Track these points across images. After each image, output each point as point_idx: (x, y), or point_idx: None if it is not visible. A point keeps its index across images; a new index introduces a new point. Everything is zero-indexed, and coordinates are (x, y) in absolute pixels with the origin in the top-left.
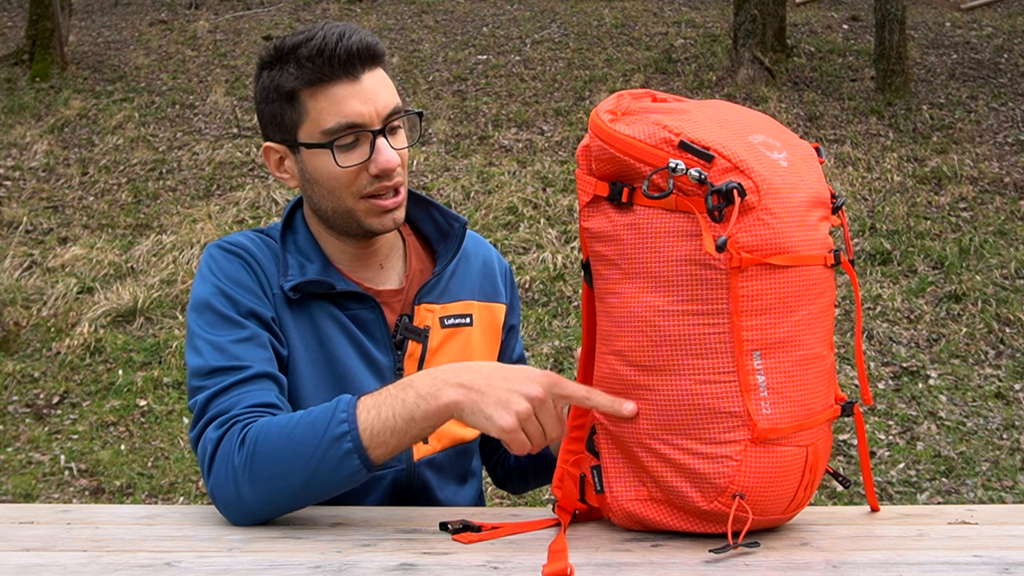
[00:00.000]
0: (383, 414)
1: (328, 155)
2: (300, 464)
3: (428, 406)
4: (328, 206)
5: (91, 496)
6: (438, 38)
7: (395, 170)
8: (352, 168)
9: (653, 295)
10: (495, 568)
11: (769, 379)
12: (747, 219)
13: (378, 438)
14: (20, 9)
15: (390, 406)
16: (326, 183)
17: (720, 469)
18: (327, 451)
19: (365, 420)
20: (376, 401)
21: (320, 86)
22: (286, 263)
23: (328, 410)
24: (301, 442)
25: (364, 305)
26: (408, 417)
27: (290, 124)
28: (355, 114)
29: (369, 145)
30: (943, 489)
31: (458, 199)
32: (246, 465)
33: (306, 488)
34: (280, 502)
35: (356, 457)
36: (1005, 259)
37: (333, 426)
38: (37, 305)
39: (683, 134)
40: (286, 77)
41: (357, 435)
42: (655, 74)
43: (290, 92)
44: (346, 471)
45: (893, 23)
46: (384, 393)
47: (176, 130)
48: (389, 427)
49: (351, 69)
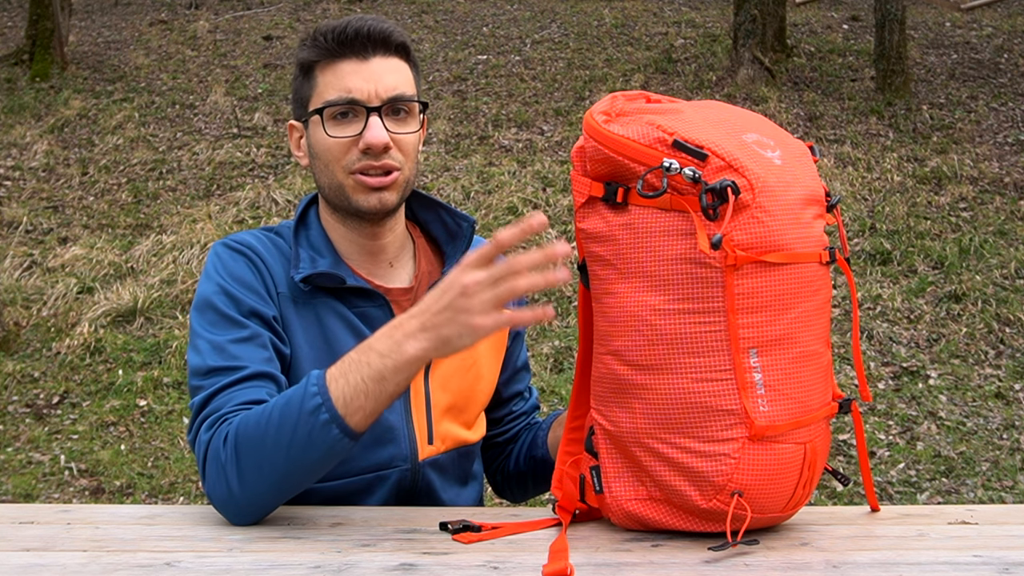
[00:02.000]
0: (351, 380)
1: (321, 125)
2: (282, 445)
3: (394, 362)
4: (324, 181)
5: (91, 496)
6: (438, 38)
7: (383, 149)
8: (343, 140)
9: (649, 294)
10: (495, 568)
11: (766, 377)
12: (742, 217)
13: (353, 404)
14: (20, 9)
15: (356, 371)
16: (321, 155)
17: (718, 467)
18: (305, 426)
19: (336, 389)
20: (342, 370)
21: (331, 61)
22: (298, 256)
23: (299, 388)
24: (279, 424)
25: (373, 302)
26: (378, 377)
27: (305, 98)
28: (355, 89)
29: (364, 122)
30: (943, 489)
31: (458, 199)
32: (231, 459)
33: (291, 468)
34: (269, 489)
35: (335, 427)
36: (1005, 259)
37: (307, 400)
38: (37, 305)
39: (677, 133)
40: (307, 52)
41: (332, 405)
42: (655, 74)
43: (308, 66)
44: (327, 442)
45: (893, 23)
46: (347, 360)
47: (176, 130)
48: (361, 391)
49: (361, 49)
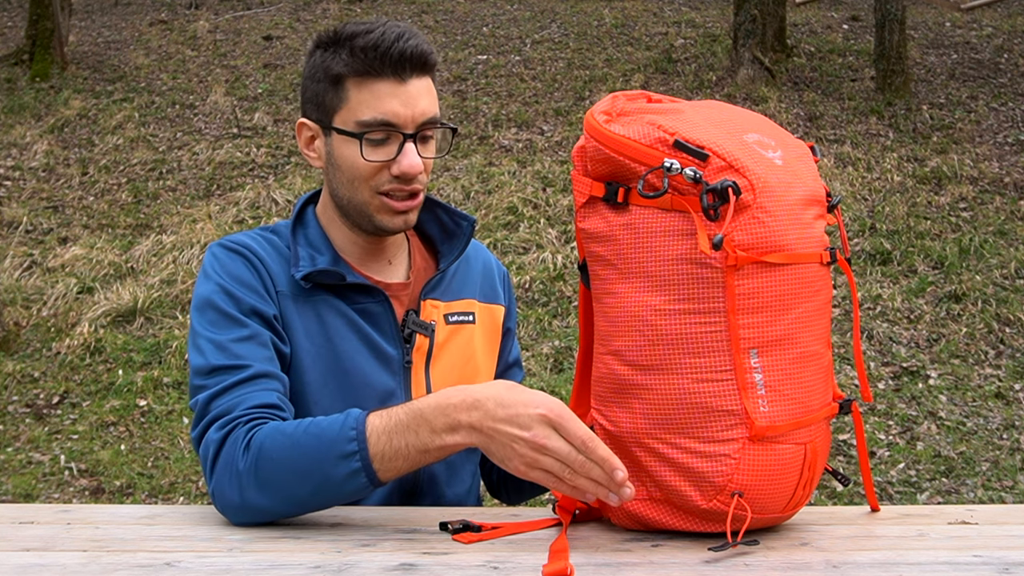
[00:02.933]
0: (395, 443)
1: (356, 145)
2: (307, 476)
3: (442, 442)
4: (345, 194)
5: (91, 496)
6: (438, 38)
7: (416, 176)
8: (375, 164)
9: (650, 294)
10: (495, 568)
11: (766, 377)
12: (742, 217)
13: (389, 463)
14: (20, 9)
15: (402, 436)
16: (348, 171)
17: (718, 467)
18: (335, 467)
19: (376, 444)
20: (386, 426)
21: (367, 78)
22: (297, 254)
23: (335, 423)
24: (309, 455)
25: (373, 298)
26: (423, 449)
27: (329, 107)
28: (392, 113)
29: (398, 146)
30: (943, 489)
31: (458, 199)
32: (251, 471)
33: (311, 498)
34: (283, 509)
35: (363, 476)
36: (1005, 259)
37: (342, 443)
38: (37, 305)
39: (678, 133)
40: (337, 61)
41: (367, 455)
42: (655, 74)
43: (337, 76)
44: (353, 487)
45: (893, 23)
46: (394, 418)
47: (176, 130)
48: (401, 455)
49: (400, 70)
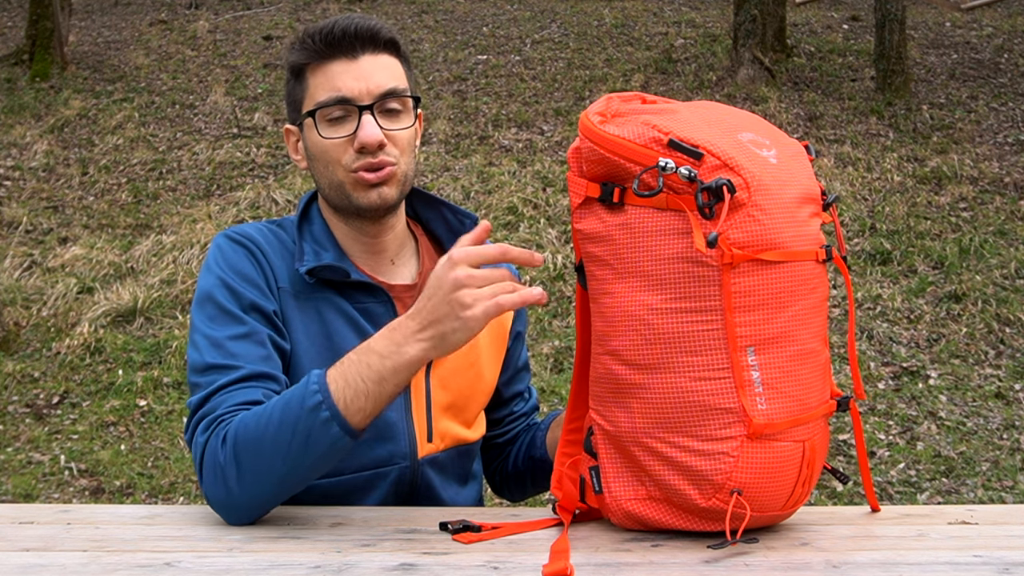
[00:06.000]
0: (351, 380)
1: (316, 127)
2: (281, 444)
3: (394, 363)
4: (324, 182)
5: (91, 496)
6: (438, 38)
7: (377, 146)
8: (338, 141)
9: (646, 294)
10: (495, 568)
11: (764, 375)
12: (738, 216)
13: (353, 404)
14: (20, 9)
15: (356, 372)
16: (319, 156)
17: (717, 466)
18: (305, 424)
19: (336, 388)
20: (341, 371)
21: (321, 62)
22: (302, 249)
23: (299, 387)
24: (279, 423)
25: (376, 298)
26: (377, 379)
27: (298, 101)
28: (345, 88)
29: (357, 121)
30: (943, 489)
31: (458, 199)
32: (230, 460)
33: (291, 467)
34: (268, 488)
35: (335, 424)
36: (1005, 259)
37: (307, 398)
38: (37, 305)
39: (672, 133)
40: (296, 55)
41: (332, 403)
42: (655, 74)
43: (298, 69)
44: (327, 440)
45: (893, 23)
46: (347, 361)
47: (176, 130)
48: (362, 392)
49: (350, 49)
